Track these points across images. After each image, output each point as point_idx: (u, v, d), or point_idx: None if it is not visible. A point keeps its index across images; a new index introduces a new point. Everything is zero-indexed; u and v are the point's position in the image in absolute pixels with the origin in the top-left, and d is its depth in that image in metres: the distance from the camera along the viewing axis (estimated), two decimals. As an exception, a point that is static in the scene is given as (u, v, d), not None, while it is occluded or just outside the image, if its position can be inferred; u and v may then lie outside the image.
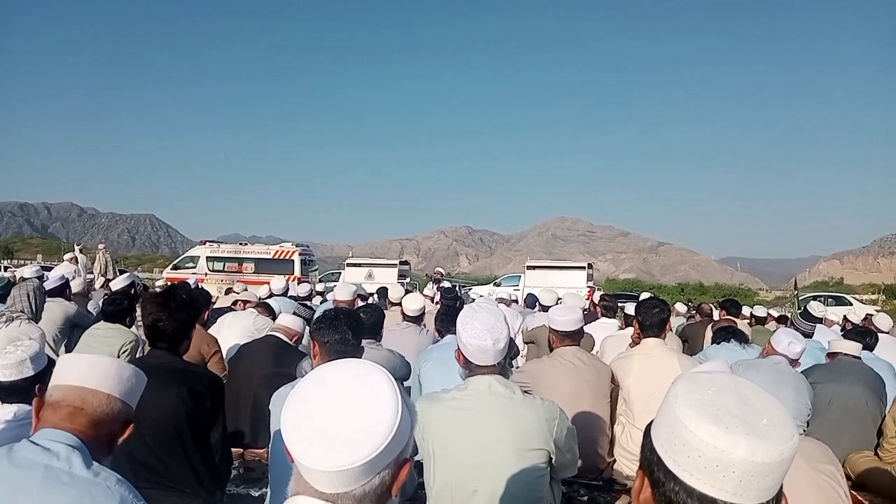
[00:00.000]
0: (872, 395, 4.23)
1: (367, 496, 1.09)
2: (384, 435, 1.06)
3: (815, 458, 2.21)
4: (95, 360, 1.76)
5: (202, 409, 2.78)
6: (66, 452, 1.58)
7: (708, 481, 0.93)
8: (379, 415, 1.09)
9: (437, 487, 2.38)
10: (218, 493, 2.89)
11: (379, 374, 1.18)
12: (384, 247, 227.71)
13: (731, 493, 0.92)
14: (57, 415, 1.66)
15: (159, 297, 2.94)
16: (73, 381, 1.70)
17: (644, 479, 1.03)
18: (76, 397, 1.68)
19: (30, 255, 54.73)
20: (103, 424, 1.70)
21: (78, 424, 1.66)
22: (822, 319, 7.21)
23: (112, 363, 1.77)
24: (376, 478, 1.09)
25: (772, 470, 0.92)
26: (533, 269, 25.17)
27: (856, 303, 26.71)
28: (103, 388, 1.71)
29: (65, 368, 1.75)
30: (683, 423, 0.95)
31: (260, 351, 4.53)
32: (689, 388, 0.99)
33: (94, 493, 1.54)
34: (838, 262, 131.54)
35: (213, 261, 22.51)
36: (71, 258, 13.32)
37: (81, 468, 1.57)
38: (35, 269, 7.50)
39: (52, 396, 1.70)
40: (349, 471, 1.05)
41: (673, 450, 0.97)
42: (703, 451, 0.92)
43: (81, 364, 1.74)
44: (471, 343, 2.39)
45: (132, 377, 1.80)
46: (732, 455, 0.91)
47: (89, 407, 1.68)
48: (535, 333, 6.42)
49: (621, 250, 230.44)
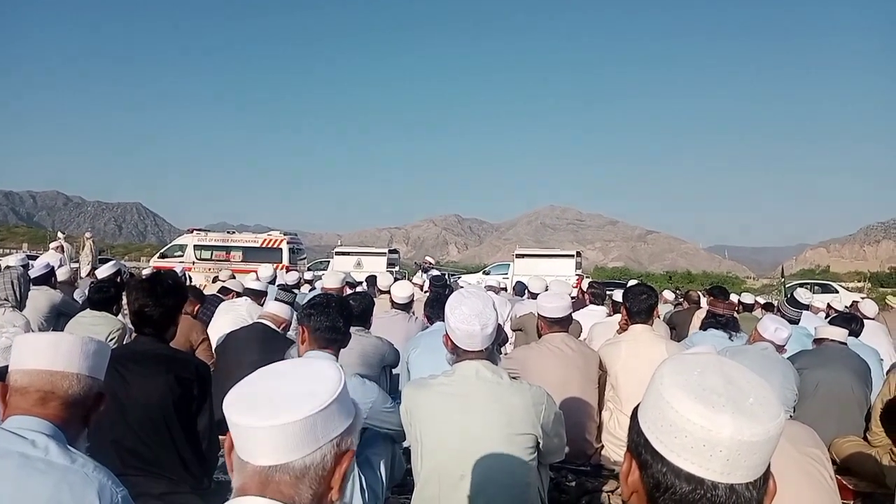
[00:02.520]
0: (858, 381, 4.27)
1: (307, 473, 1.06)
2: (325, 398, 1.06)
3: (802, 441, 2.22)
4: (57, 339, 1.71)
5: (189, 395, 2.77)
6: (41, 440, 1.56)
7: (695, 461, 0.93)
8: (320, 384, 1.09)
9: (424, 473, 2.38)
10: (205, 480, 2.88)
11: (325, 359, 1.20)
12: (373, 235, 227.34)
13: (719, 472, 0.92)
14: (27, 401, 1.62)
15: (146, 283, 2.92)
16: (38, 365, 1.65)
17: (632, 462, 1.03)
18: (45, 382, 1.64)
19: (15, 243, 54.23)
20: (76, 405, 1.67)
21: (50, 409, 1.62)
22: (808, 306, 7.25)
23: (75, 341, 1.71)
24: (317, 452, 1.06)
25: (758, 448, 0.92)
26: (522, 257, 25.19)
27: (842, 290, 26.89)
28: (72, 369, 1.67)
29: (26, 351, 1.68)
30: (670, 404, 0.95)
31: (247, 339, 4.51)
32: (675, 369, 0.99)
33: (73, 481, 1.52)
34: (825, 251, 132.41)
35: (200, 249, 22.39)
36: (57, 247, 13.22)
37: (58, 455, 1.55)
38: (20, 258, 7.44)
39: (17, 381, 1.64)
40: (289, 426, 1.03)
41: (660, 431, 0.96)
42: (689, 431, 0.92)
43: (44, 345, 1.68)
44: (459, 328, 2.40)
45: (98, 350, 1.75)
46: (719, 434, 0.91)
47: (60, 390, 1.65)
48: (523, 321, 6.44)
49: (610, 238, 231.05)
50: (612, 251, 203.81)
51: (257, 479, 1.05)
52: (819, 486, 2.15)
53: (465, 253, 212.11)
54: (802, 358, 4.42)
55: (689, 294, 9.89)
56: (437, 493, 2.33)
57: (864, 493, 3.73)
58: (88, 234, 15.75)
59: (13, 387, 1.65)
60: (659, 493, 0.97)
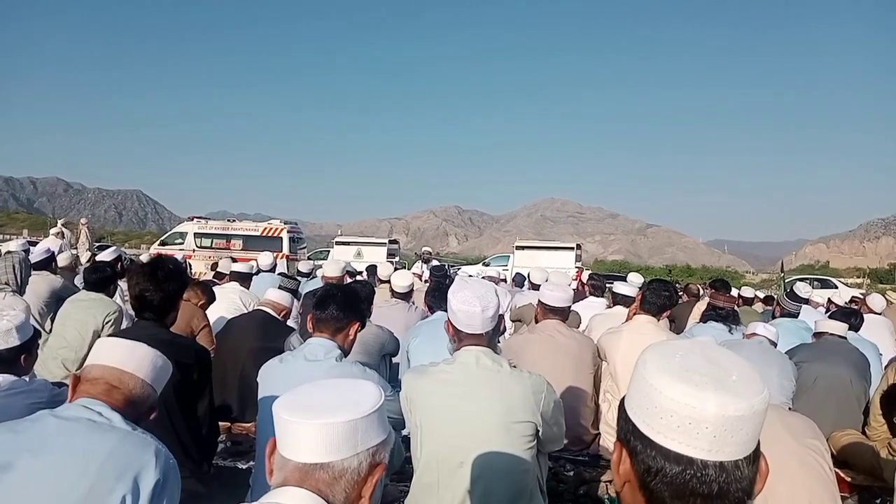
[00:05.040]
0: (857, 375, 4.27)
1: (343, 475, 1.14)
2: (366, 407, 1.18)
3: (801, 432, 2.23)
4: (134, 345, 1.92)
5: (189, 380, 2.77)
6: (106, 411, 1.77)
7: (683, 440, 0.94)
8: (363, 396, 1.21)
9: (423, 460, 2.39)
10: (205, 464, 2.89)
11: (367, 378, 1.33)
12: (373, 226, 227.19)
13: (707, 450, 0.93)
14: (95, 388, 1.82)
15: (146, 268, 2.93)
16: (112, 363, 1.86)
17: (622, 451, 1.03)
18: (114, 377, 1.84)
19: (15, 229, 54.23)
20: (134, 405, 1.85)
21: (114, 399, 1.82)
22: (807, 300, 7.25)
23: (149, 351, 1.93)
24: (355, 458, 1.15)
25: (744, 423, 0.93)
26: (522, 249, 25.17)
27: (841, 286, 26.91)
28: (139, 374, 1.88)
29: (104, 350, 1.90)
30: (654, 386, 0.96)
31: (248, 325, 4.52)
32: (657, 353, 1.01)
33: (134, 440, 1.73)
34: (824, 246, 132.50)
35: (200, 237, 22.36)
36: (57, 232, 13.23)
37: (121, 422, 1.76)
38: (21, 243, 7.42)
39: (90, 373, 1.85)
40: (334, 426, 1.13)
41: (646, 414, 0.98)
42: (674, 410, 0.94)
43: (121, 348, 1.90)
44: (459, 309, 2.41)
45: (164, 366, 1.96)
46: (703, 411, 0.92)
47: (125, 387, 1.85)
48: (522, 311, 6.45)
49: (610, 231, 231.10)
50: (612, 244, 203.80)
51: (298, 475, 1.14)
52: (818, 477, 2.15)
53: (465, 244, 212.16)
54: (802, 351, 4.43)
55: (688, 287, 9.94)
56: (436, 479, 2.34)
57: (862, 486, 3.75)
58: (84, 220, 15.73)
59: (85, 377, 1.86)
60: (650, 478, 0.98)
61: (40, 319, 5.34)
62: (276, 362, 2.72)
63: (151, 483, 1.68)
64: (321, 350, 2.65)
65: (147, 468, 1.69)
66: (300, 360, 2.65)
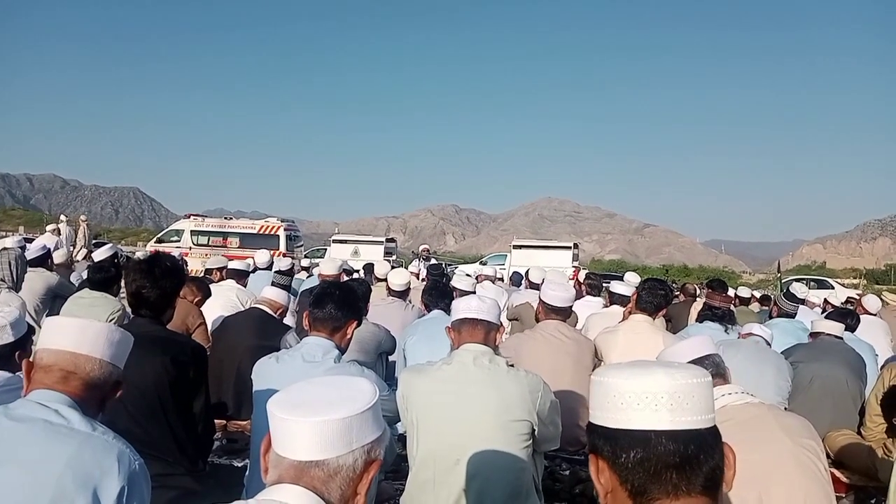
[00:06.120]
0: (853, 375, 4.27)
1: (339, 472, 1.14)
2: (361, 405, 1.17)
3: (797, 432, 2.22)
4: (85, 324, 1.78)
5: (185, 377, 2.76)
6: (64, 410, 1.65)
7: (643, 415, 1.02)
8: (358, 393, 1.21)
9: (419, 457, 2.40)
10: (200, 462, 2.88)
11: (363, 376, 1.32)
12: (370, 224, 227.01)
13: (668, 419, 1.01)
14: (49, 377, 1.70)
15: (143, 265, 2.91)
16: (64, 346, 1.72)
17: (597, 460, 1.09)
18: (68, 362, 1.71)
19: (12, 226, 54.04)
20: (95, 388, 1.75)
21: (71, 387, 1.71)
22: (804, 301, 7.25)
23: (102, 327, 1.79)
24: (350, 455, 1.15)
25: (695, 389, 1.03)
26: (519, 248, 25.12)
27: (837, 286, 26.94)
28: (95, 354, 1.74)
29: (54, 332, 1.76)
30: (610, 382, 1.06)
31: (244, 323, 4.51)
32: (608, 367, 1.13)
33: (94, 445, 1.62)
34: (821, 247, 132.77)
35: (197, 235, 22.30)
36: (53, 229, 13.19)
37: (80, 423, 1.64)
38: (17, 240, 7.40)
39: (42, 360, 1.73)
40: (329, 423, 1.12)
41: (608, 409, 1.06)
42: (630, 391, 1.03)
43: (72, 328, 1.76)
44: (460, 304, 2.57)
45: (121, 340, 1.82)
46: (656, 382, 1.03)
47: (82, 371, 1.72)
48: (519, 310, 6.44)
49: (607, 231, 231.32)
50: (609, 244, 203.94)
51: (293, 472, 1.14)
52: (813, 476, 2.15)
53: (463, 243, 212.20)
54: (798, 351, 4.43)
55: (685, 287, 9.95)
56: (432, 477, 2.34)
57: (857, 486, 3.75)
58: (84, 217, 15.70)
59: (38, 364, 1.73)
60: (626, 470, 1.03)
61: (36, 316, 5.33)
62: (272, 360, 2.71)
63: (115, 492, 1.59)
64: (319, 350, 2.63)
65: (109, 475, 1.60)
66: (298, 360, 2.63)
